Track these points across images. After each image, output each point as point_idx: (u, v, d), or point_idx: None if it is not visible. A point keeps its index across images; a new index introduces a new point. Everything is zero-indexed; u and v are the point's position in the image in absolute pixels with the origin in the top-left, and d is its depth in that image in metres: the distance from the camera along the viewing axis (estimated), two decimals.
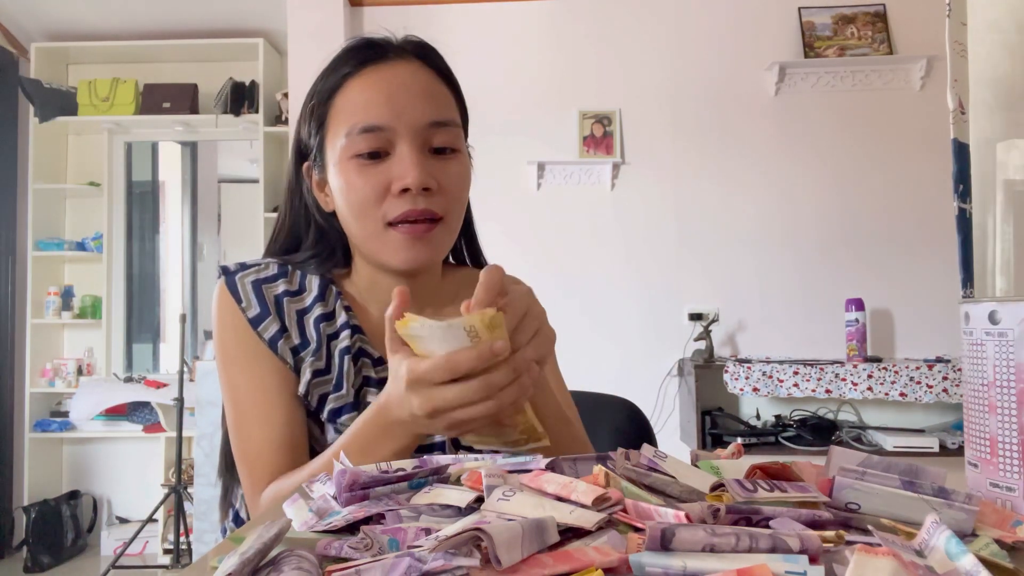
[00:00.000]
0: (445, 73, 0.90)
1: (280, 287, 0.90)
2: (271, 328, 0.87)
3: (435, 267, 0.94)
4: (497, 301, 0.64)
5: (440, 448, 0.89)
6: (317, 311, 0.89)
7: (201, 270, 4.14)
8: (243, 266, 0.91)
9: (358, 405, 0.86)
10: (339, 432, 0.86)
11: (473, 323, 0.60)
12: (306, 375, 0.86)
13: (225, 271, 0.90)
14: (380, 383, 0.87)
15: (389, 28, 0.91)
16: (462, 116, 0.92)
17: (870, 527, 0.43)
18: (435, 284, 0.95)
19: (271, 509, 0.64)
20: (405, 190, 0.82)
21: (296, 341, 0.88)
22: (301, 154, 0.92)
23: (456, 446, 0.90)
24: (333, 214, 0.90)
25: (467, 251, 1.03)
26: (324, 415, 0.86)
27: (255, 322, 0.87)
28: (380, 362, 0.89)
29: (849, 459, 0.52)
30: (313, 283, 0.91)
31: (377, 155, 0.83)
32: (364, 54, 0.86)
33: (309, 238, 0.93)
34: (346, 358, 0.87)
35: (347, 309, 0.91)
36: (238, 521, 0.96)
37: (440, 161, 0.85)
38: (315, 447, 0.88)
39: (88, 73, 3.82)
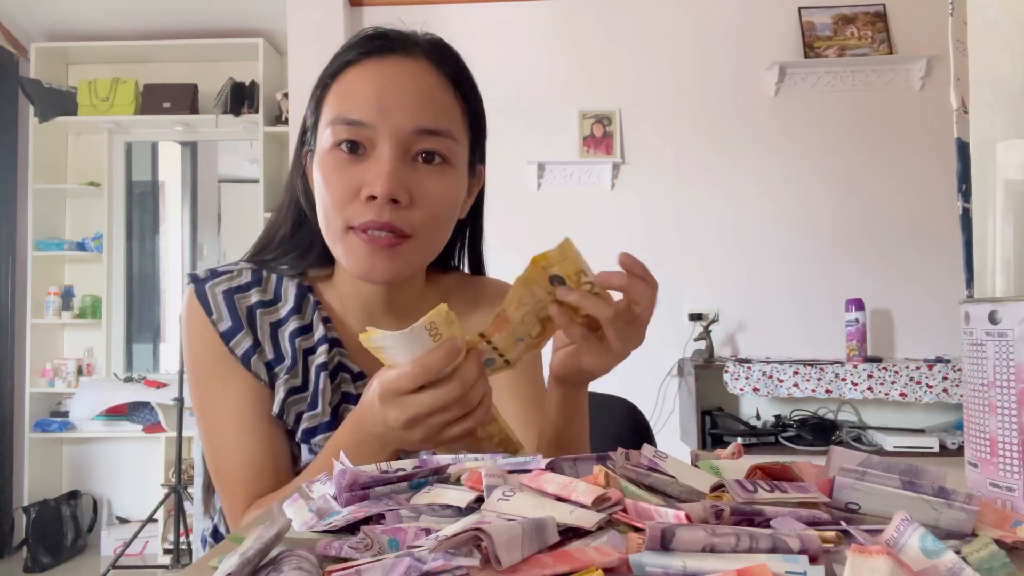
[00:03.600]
0: (456, 79, 0.83)
1: (253, 297, 0.84)
2: (244, 343, 0.82)
3: (415, 276, 0.89)
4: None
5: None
6: (293, 324, 0.84)
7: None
8: (214, 273, 0.85)
9: (334, 424, 0.80)
10: (313, 453, 0.82)
11: (433, 320, 0.60)
12: (280, 393, 0.82)
13: (195, 279, 0.85)
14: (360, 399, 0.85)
15: (407, 23, 0.86)
16: (473, 128, 0.85)
17: (850, 529, 0.43)
18: (417, 292, 0.90)
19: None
20: (372, 197, 0.76)
21: (270, 356, 0.83)
22: (303, 141, 0.88)
23: None
24: None
25: (469, 258, 0.98)
26: (298, 435, 0.82)
27: (227, 336, 0.82)
28: (360, 377, 0.85)
29: (849, 459, 0.52)
30: (289, 291, 0.86)
31: (356, 149, 0.77)
32: (370, 44, 0.81)
33: (288, 226, 0.88)
34: (322, 374, 0.82)
35: (325, 321, 0.86)
36: (216, 536, 0.93)
37: (421, 173, 0.78)
38: (295, 465, 0.84)
39: (88, 73, 3.82)
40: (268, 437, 0.82)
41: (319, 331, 0.85)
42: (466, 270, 1.00)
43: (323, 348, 0.84)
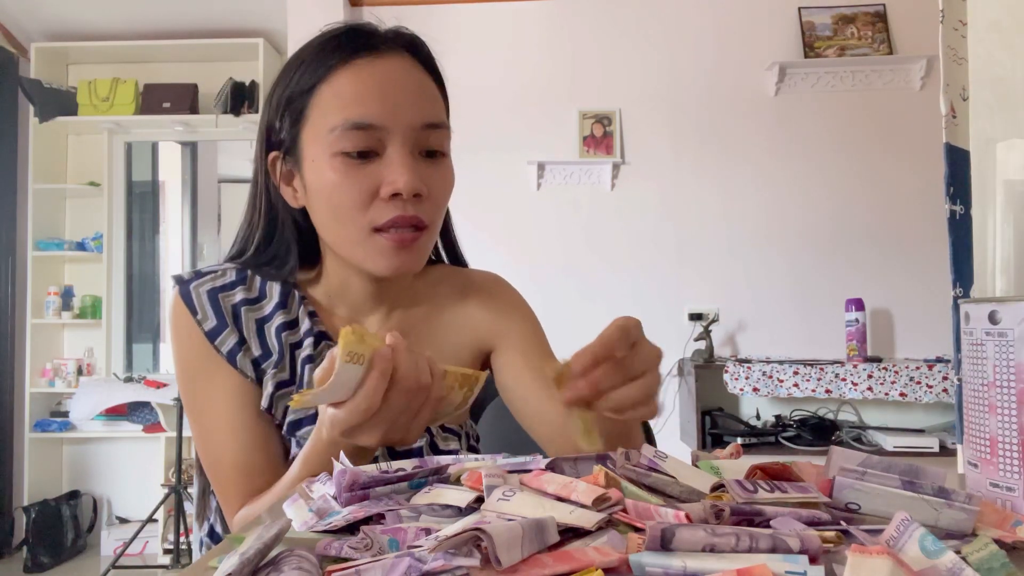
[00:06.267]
0: (434, 70, 0.85)
1: (238, 295, 0.85)
2: (229, 340, 0.83)
3: None
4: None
5: (418, 453, 0.86)
6: (279, 319, 0.85)
7: None
8: (198, 274, 0.86)
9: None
10: (299, 446, 0.82)
11: (350, 350, 0.59)
12: (268, 387, 0.83)
13: (179, 280, 0.85)
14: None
15: (379, 19, 0.85)
16: (448, 117, 0.87)
17: (850, 529, 0.43)
18: (408, 284, 0.91)
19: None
20: (395, 195, 0.77)
21: (256, 352, 0.84)
22: (269, 145, 0.85)
23: (434, 449, 0.88)
24: (300, 210, 0.84)
25: (444, 247, 0.98)
26: (284, 428, 0.83)
27: (212, 335, 0.82)
28: None
29: (849, 459, 0.52)
30: (274, 289, 0.86)
31: (366, 155, 0.77)
32: (353, 43, 0.80)
33: (261, 233, 0.87)
34: (307, 368, 0.83)
35: (312, 315, 0.86)
36: (213, 536, 0.93)
37: (429, 166, 0.80)
38: (287, 458, 0.84)
39: (88, 73, 3.82)
40: (259, 433, 0.82)
41: (305, 324, 0.86)
42: (443, 257, 1.00)
43: (309, 342, 0.85)
